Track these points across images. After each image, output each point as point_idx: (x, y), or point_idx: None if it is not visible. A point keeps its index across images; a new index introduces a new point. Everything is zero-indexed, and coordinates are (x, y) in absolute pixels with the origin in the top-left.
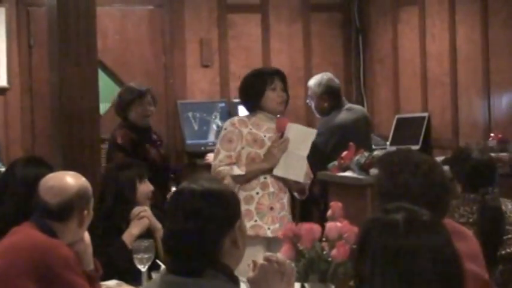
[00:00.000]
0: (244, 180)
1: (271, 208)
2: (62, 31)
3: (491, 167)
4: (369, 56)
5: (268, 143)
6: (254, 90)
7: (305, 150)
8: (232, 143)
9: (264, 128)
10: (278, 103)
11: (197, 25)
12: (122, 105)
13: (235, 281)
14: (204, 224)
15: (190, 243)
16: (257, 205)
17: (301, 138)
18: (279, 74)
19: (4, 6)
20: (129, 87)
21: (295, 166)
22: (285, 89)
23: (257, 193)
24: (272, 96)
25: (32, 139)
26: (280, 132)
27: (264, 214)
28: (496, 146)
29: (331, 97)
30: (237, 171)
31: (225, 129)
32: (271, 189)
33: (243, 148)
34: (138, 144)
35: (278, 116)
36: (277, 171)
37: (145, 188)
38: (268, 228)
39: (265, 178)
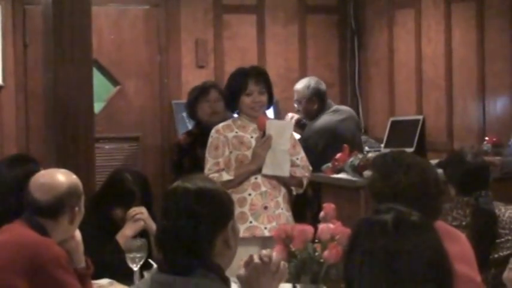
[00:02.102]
0: (234, 184)
1: (265, 207)
2: (57, 30)
3: (485, 171)
4: (364, 58)
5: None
6: (230, 95)
7: (285, 144)
8: (218, 149)
9: (250, 129)
10: (252, 108)
11: (193, 25)
12: (188, 105)
13: (226, 281)
14: (197, 223)
15: (182, 241)
16: (250, 206)
17: (280, 132)
18: (254, 77)
19: (0, 4)
20: (194, 86)
21: (281, 162)
22: (268, 89)
23: (249, 194)
24: (246, 102)
25: (26, 137)
26: (262, 130)
27: (259, 214)
28: (490, 150)
29: (319, 100)
30: (226, 176)
31: (211, 136)
32: (263, 188)
33: (231, 152)
34: (186, 151)
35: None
36: (265, 171)
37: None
38: (265, 228)
39: (256, 178)
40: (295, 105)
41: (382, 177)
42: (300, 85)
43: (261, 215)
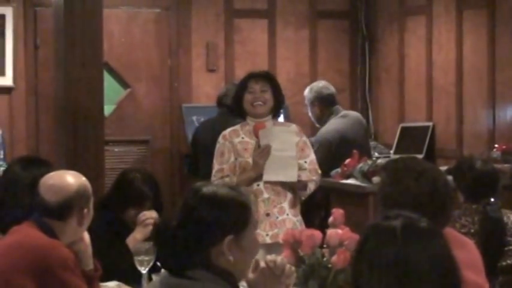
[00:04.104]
0: None
1: (268, 214)
2: (68, 32)
3: (494, 178)
4: (374, 64)
5: None
6: (236, 96)
7: (291, 150)
8: (224, 155)
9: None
10: (252, 104)
11: (204, 29)
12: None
13: (234, 287)
14: (193, 225)
15: (175, 238)
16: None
17: (283, 138)
18: (255, 77)
19: (12, 6)
20: None
21: (285, 167)
22: (274, 91)
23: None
24: (249, 99)
25: (36, 139)
26: (257, 137)
27: (261, 221)
28: (499, 157)
29: (322, 104)
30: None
31: (218, 142)
32: (265, 195)
33: (236, 159)
34: None
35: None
36: (267, 177)
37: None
38: (267, 235)
39: (258, 185)
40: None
41: (392, 182)
42: (306, 89)
43: (263, 222)
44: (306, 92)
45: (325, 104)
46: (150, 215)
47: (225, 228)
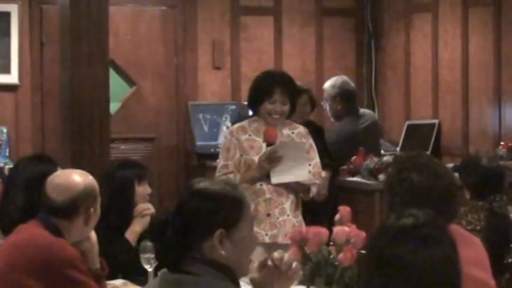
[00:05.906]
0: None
1: (268, 214)
2: (74, 29)
3: (500, 175)
4: (380, 62)
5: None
6: (255, 96)
7: (302, 151)
8: (230, 151)
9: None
10: (270, 115)
11: (209, 27)
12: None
13: (235, 282)
14: (182, 217)
15: (165, 231)
16: (253, 212)
17: (296, 149)
18: (281, 86)
19: (17, 4)
20: None
21: (294, 167)
22: (291, 99)
23: (253, 200)
24: (268, 109)
25: (42, 137)
26: (267, 142)
27: (261, 221)
28: (505, 155)
29: (344, 100)
30: None
31: (225, 137)
32: (267, 195)
33: (241, 155)
34: None
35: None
36: (277, 180)
37: (143, 190)
38: (266, 234)
39: (261, 185)
40: (322, 103)
41: (395, 172)
42: (327, 84)
43: (263, 222)
44: (327, 87)
45: (347, 101)
46: (146, 207)
47: (214, 221)
